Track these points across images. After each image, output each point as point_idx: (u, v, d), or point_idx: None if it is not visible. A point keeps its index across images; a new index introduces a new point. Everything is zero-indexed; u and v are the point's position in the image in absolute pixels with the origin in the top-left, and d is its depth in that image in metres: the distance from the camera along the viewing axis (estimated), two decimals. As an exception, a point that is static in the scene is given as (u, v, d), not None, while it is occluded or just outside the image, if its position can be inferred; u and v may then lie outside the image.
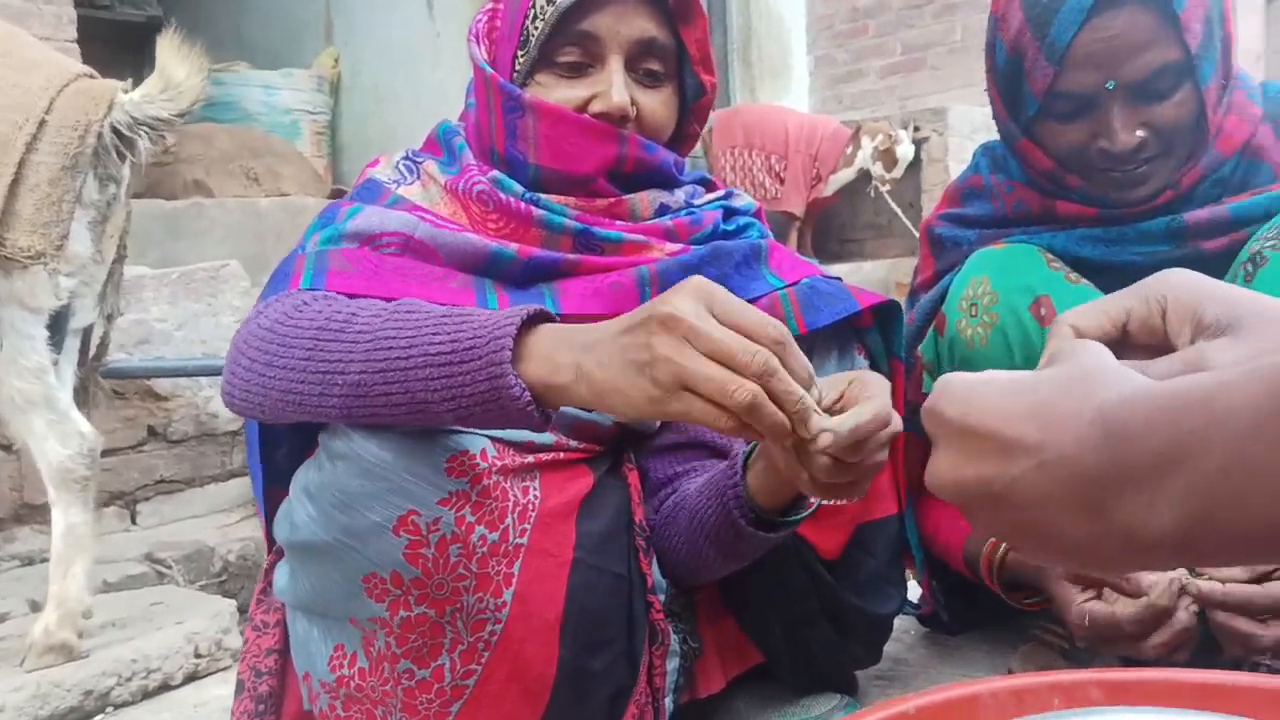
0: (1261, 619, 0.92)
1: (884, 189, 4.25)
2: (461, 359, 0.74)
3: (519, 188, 1.00)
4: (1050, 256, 1.10)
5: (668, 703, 0.99)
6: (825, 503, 1.02)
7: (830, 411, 0.75)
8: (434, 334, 0.76)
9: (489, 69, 1.03)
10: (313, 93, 4.36)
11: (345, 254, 0.95)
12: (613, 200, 1.03)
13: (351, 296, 0.89)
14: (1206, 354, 0.56)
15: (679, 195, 1.07)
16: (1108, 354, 0.49)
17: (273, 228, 3.21)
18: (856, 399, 0.77)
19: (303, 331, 0.82)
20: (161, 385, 2.35)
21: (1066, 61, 1.03)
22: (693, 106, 1.10)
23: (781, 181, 4.31)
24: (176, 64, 1.45)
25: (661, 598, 0.99)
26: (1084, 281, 1.09)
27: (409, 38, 4.08)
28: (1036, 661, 1.19)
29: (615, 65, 1.01)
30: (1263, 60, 10.81)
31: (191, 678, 1.62)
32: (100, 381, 1.73)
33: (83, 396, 1.63)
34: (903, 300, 1.30)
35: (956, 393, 0.48)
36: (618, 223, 1.02)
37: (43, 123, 1.40)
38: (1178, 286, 0.59)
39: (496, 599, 0.83)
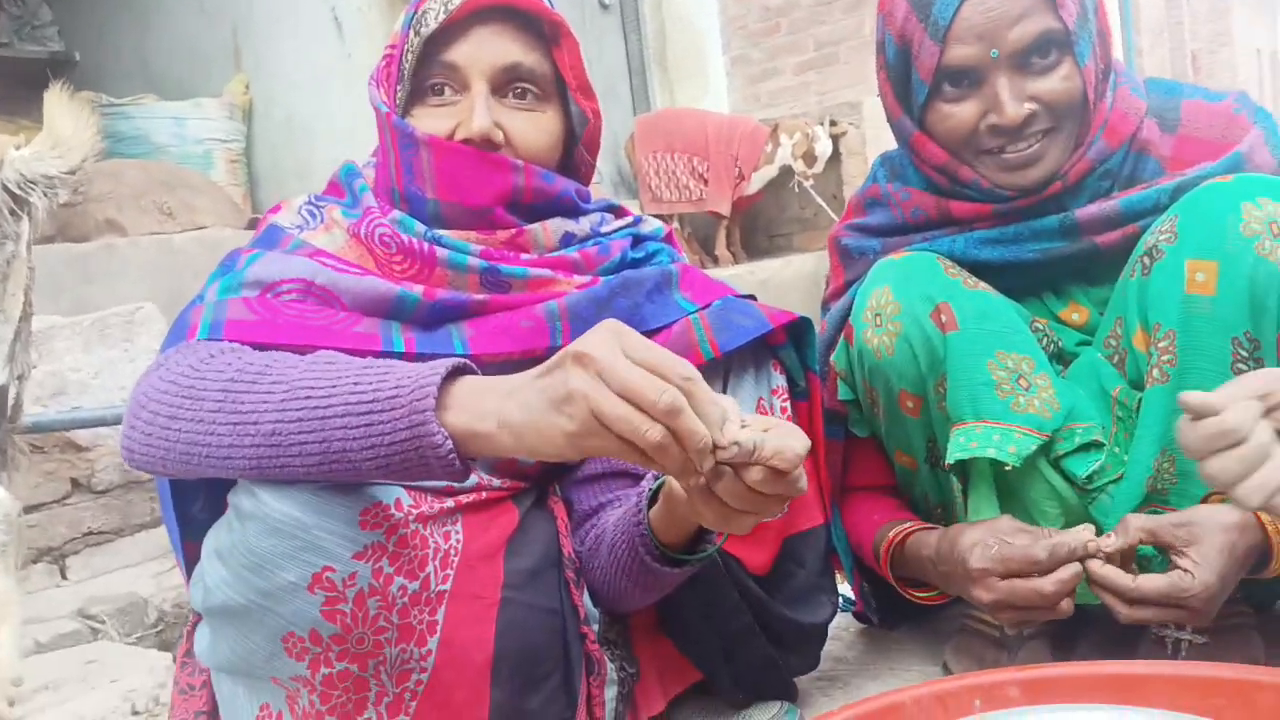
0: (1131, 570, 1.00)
1: (807, 184, 4.30)
2: (384, 407, 0.73)
3: (420, 227, 1.00)
4: (948, 263, 1.13)
5: (608, 731, 0.99)
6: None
7: None
8: (355, 383, 0.75)
9: (384, 108, 1.03)
10: (224, 121, 4.25)
11: (245, 302, 0.93)
12: (514, 231, 1.03)
13: (253, 346, 0.88)
14: None
15: (584, 224, 1.08)
16: None
17: (189, 264, 3.13)
18: None
19: (211, 384, 0.81)
20: (82, 436, 2.29)
21: (950, 37, 1.10)
22: (582, 136, 1.10)
23: (706, 183, 4.32)
24: (64, 119, 1.41)
25: (595, 628, 1.00)
26: (982, 285, 1.12)
27: (319, 61, 4.00)
28: (969, 652, 1.22)
29: (478, 90, 1.01)
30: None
31: (130, 737, 1.59)
32: (18, 442, 1.68)
33: (1, 460, 1.58)
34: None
35: None
36: (523, 256, 1.02)
37: (-70, 184, 1.36)
38: None
39: (421, 648, 0.82)
